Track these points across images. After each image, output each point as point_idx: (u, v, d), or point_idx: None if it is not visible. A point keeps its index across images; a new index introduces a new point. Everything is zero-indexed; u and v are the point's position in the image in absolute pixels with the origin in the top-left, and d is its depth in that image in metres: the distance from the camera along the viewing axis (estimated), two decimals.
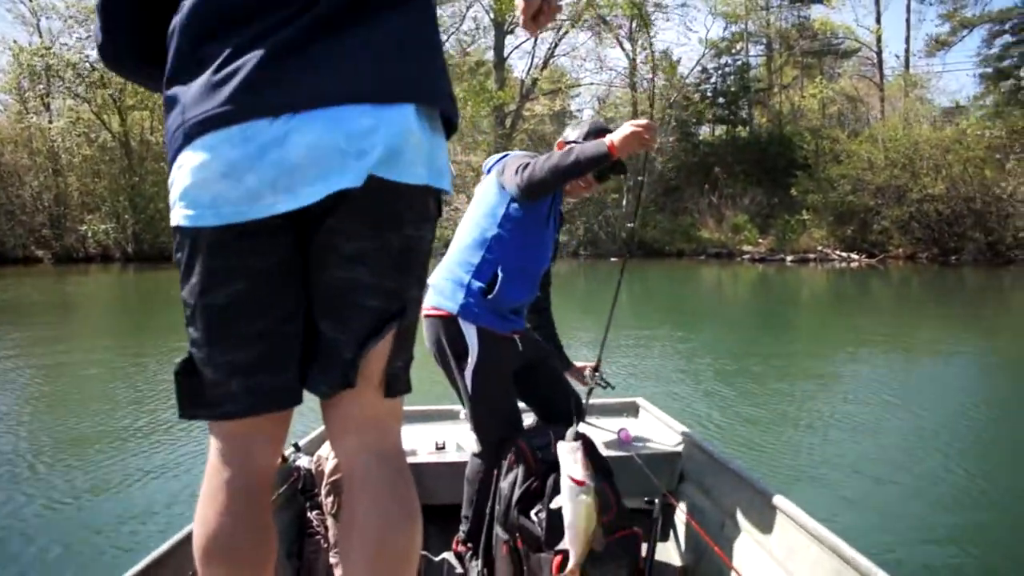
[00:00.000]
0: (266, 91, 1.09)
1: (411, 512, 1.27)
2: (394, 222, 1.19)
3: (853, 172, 25.87)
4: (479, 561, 2.21)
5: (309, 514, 2.37)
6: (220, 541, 1.22)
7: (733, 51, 35.65)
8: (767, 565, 2.03)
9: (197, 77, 1.11)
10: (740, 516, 2.24)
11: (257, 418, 1.22)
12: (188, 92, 1.12)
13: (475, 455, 2.35)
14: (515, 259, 2.24)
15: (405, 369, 1.31)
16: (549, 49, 34.77)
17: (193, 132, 1.10)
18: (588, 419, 3.04)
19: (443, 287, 2.27)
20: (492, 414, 2.28)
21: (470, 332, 2.20)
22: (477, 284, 2.21)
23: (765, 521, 2.10)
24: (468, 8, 34.29)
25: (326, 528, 2.33)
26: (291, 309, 1.21)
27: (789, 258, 26.08)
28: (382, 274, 1.21)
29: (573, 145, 2.11)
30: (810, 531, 1.88)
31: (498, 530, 2.12)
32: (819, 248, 26.16)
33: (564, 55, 35.57)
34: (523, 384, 2.44)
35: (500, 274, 2.20)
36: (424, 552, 2.41)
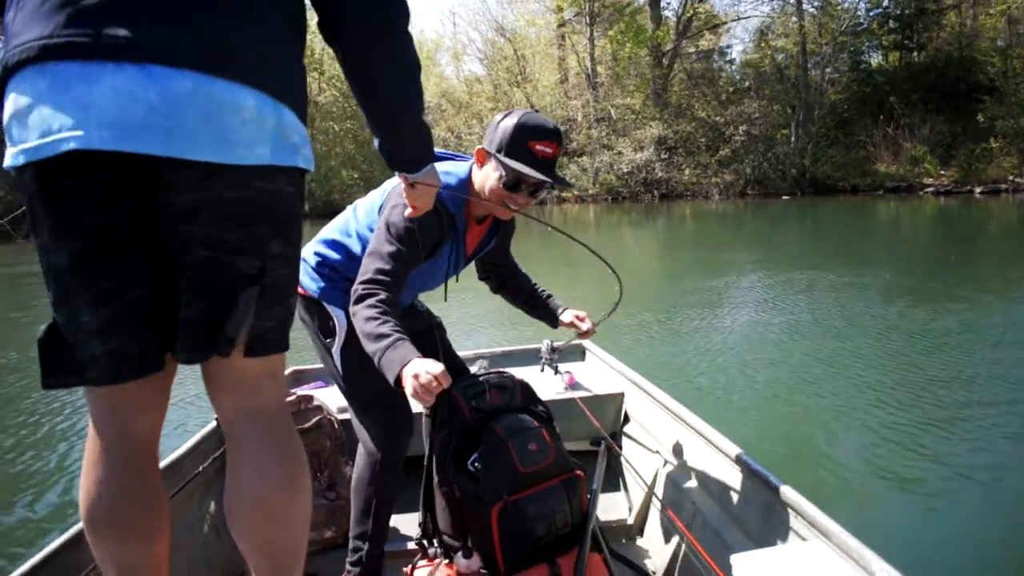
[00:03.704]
0: (89, 30, 1.00)
1: (292, 473, 1.24)
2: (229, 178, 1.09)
3: None
4: (419, 513, 2.17)
5: None
6: (104, 511, 1.18)
7: None
8: (705, 502, 2.07)
9: (27, 3, 1.04)
10: (679, 454, 2.31)
11: (129, 384, 1.16)
12: (16, 20, 1.04)
13: (360, 457, 2.13)
14: None
15: (277, 328, 1.23)
16: None
17: (13, 64, 1.03)
18: (533, 364, 3.17)
19: (308, 267, 2.13)
20: (367, 390, 2.07)
21: (337, 313, 2.06)
22: (340, 275, 2.10)
23: (700, 458, 2.15)
24: None
25: None
26: (135, 271, 1.11)
27: (978, 190, 24.55)
28: (220, 227, 1.10)
29: (375, 347, 1.81)
30: (743, 466, 1.91)
31: (436, 481, 2.08)
32: (1010, 178, 24.45)
33: None
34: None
35: None
36: None
